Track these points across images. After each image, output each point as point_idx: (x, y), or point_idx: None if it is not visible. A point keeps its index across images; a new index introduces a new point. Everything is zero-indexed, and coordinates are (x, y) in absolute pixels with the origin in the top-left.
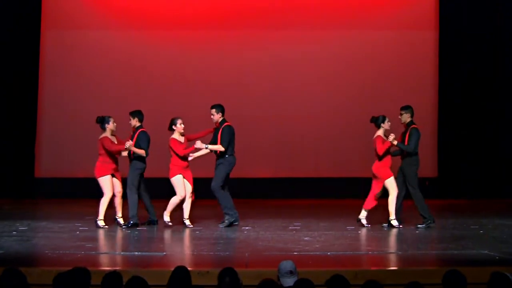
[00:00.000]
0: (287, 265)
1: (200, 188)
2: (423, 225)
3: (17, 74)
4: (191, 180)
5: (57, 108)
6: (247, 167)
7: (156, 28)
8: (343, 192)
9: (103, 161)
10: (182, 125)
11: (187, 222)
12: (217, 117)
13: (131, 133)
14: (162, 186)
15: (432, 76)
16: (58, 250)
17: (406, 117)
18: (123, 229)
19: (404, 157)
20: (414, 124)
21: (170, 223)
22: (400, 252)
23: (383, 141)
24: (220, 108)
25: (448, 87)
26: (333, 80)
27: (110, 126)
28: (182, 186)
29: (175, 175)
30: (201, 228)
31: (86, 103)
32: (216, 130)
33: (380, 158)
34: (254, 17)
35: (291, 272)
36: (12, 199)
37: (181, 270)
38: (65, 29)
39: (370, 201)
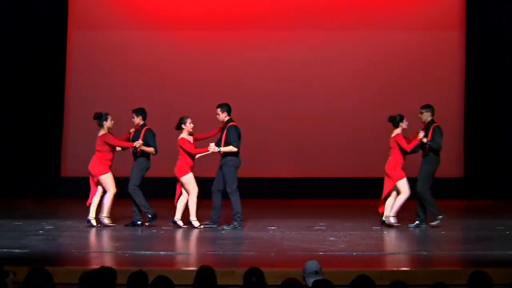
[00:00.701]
0: (312, 265)
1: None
2: (413, 225)
3: (44, 74)
4: None
5: (83, 108)
6: (270, 167)
7: (183, 29)
8: (368, 192)
9: (102, 158)
10: (192, 125)
11: (181, 223)
12: (222, 116)
13: (133, 131)
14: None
15: (458, 76)
16: (84, 249)
17: (426, 116)
18: (146, 226)
19: (424, 155)
20: (435, 122)
21: (201, 227)
22: (425, 253)
23: (407, 140)
24: (225, 108)
25: (474, 87)
26: (356, 81)
27: (108, 123)
28: (194, 183)
29: (186, 174)
30: (225, 228)
31: (112, 102)
32: (222, 129)
33: (403, 155)
34: (275, 18)
35: (316, 272)
36: (38, 199)
37: (206, 270)
38: (92, 29)
39: (382, 203)
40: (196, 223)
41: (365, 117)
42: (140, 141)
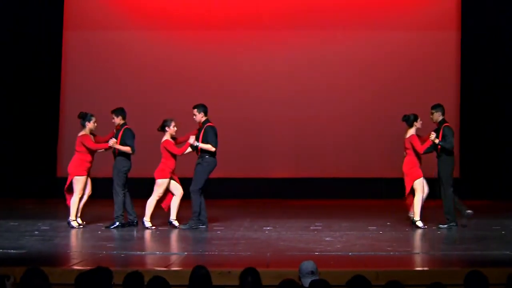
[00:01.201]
0: (308, 265)
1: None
2: (445, 226)
3: (40, 75)
4: (178, 180)
5: (79, 108)
6: (269, 167)
7: (180, 29)
8: (365, 193)
9: (82, 159)
10: (175, 128)
11: (176, 223)
12: (199, 117)
13: (114, 131)
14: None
15: (454, 77)
16: (80, 250)
17: (437, 116)
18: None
19: (439, 156)
20: (446, 122)
21: (153, 227)
22: (422, 253)
23: (421, 140)
24: (202, 108)
25: (470, 88)
26: (356, 81)
27: (90, 125)
28: (164, 189)
29: (164, 177)
30: (222, 228)
31: (107, 103)
32: (199, 130)
33: (418, 155)
34: (275, 18)
35: (312, 273)
36: (34, 199)
37: (201, 270)
38: (87, 30)
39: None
40: (148, 224)
41: (365, 117)
42: (114, 139)
